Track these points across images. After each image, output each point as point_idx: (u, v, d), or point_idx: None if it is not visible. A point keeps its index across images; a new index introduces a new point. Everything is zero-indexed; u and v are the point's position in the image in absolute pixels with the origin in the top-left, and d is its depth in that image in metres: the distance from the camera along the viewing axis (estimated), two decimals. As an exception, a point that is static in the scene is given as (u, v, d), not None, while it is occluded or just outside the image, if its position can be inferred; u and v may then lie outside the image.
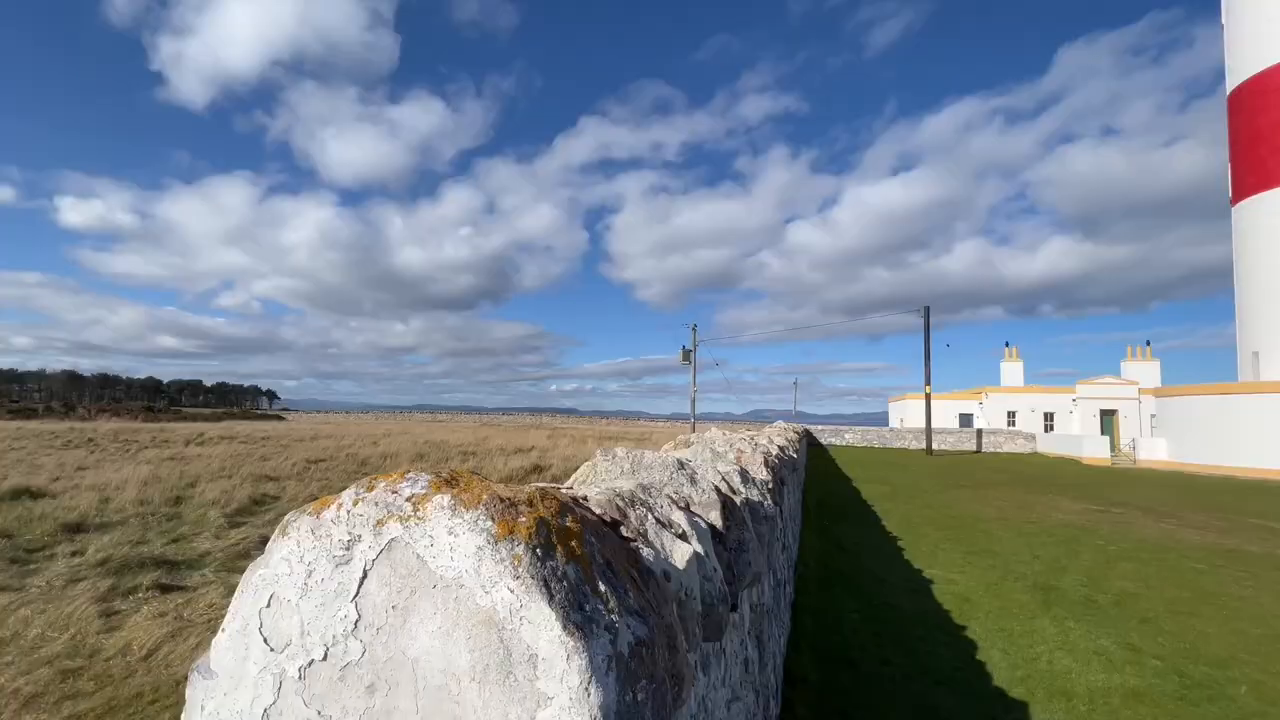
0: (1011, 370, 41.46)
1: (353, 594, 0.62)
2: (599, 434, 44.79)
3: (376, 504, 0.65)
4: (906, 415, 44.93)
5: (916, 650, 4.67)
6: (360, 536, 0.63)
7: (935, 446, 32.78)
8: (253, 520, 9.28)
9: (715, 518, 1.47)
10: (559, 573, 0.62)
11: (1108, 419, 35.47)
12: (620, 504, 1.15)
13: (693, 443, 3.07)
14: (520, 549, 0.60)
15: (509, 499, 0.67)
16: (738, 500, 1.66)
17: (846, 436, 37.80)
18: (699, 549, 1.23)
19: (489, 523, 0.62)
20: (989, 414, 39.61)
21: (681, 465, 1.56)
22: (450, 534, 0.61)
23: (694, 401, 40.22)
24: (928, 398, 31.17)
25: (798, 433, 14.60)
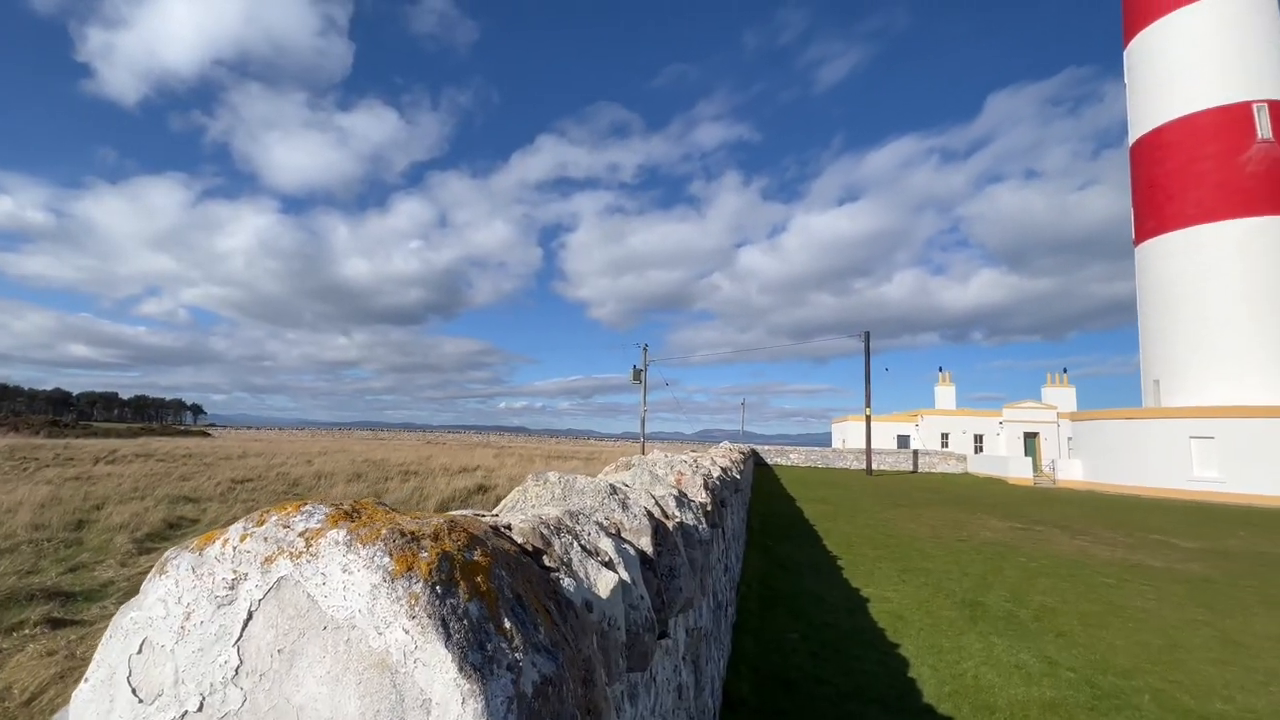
0: (944, 394, 43.62)
1: (235, 637, 0.58)
2: (548, 453, 44.10)
3: (266, 539, 0.61)
4: (848, 436, 46.44)
5: (852, 669, 4.76)
6: (247, 575, 0.60)
7: (875, 467, 33.95)
8: (166, 546, 8.60)
9: (646, 543, 1.47)
10: (460, 610, 0.60)
11: (1030, 441, 37.74)
12: (545, 532, 1.13)
13: (634, 464, 3.06)
14: (418, 586, 0.58)
15: (412, 533, 0.65)
16: (670, 525, 1.66)
17: (791, 456, 38.66)
18: (625, 577, 1.23)
19: (386, 559, 0.59)
20: (924, 435, 41.43)
21: (614, 490, 1.55)
22: (345, 571, 0.59)
23: (644, 421, 40.28)
24: (868, 420, 32.36)
25: (743, 453, 14.82)
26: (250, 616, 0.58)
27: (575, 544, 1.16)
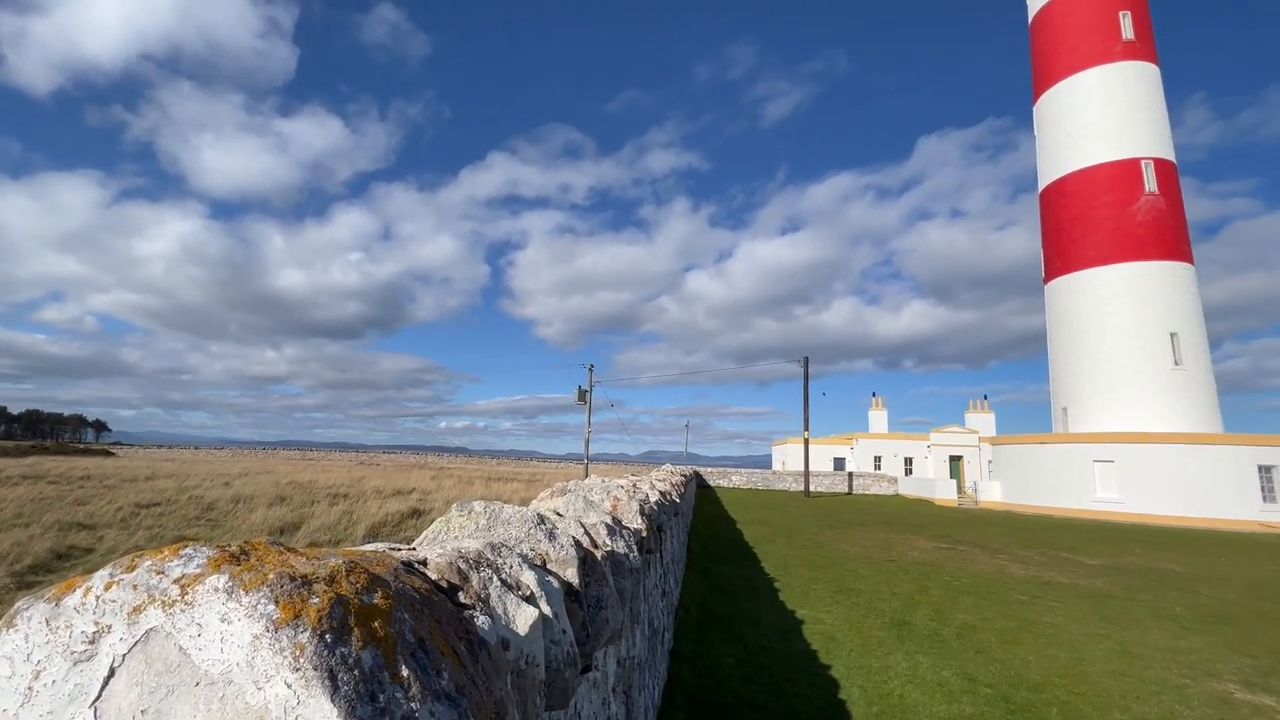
0: (878, 418, 45.55)
1: (93, 697, 0.53)
2: (488, 475, 42.89)
3: (136, 587, 0.57)
4: (788, 458, 47.60)
5: (785, 692, 4.81)
6: (110, 627, 0.55)
7: (812, 488, 34.88)
8: (53, 579, 7.77)
9: (572, 575, 1.45)
10: (351, 660, 0.57)
11: (955, 464, 39.83)
12: (462, 567, 1.10)
13: (570, 490, 3.03)
14: (305, 636, 0.55)
15: (304, 577, 0.62)
16: (599, 555, 1.65)
17: (733, 478, 39.20)
18: (547, 611, 1.20)
19: (271, 606, 0.56)
20: (859, 458, 43.00)
21: (541, 520, 1.53)
22: (223, 621, 0.55)
23: (588, 442, 39.94)
24: (806, 443, 33.31)
25: (685, 475, 14.92)
26: (112, 674, 0.54)
27: (495, 578, 1.13)
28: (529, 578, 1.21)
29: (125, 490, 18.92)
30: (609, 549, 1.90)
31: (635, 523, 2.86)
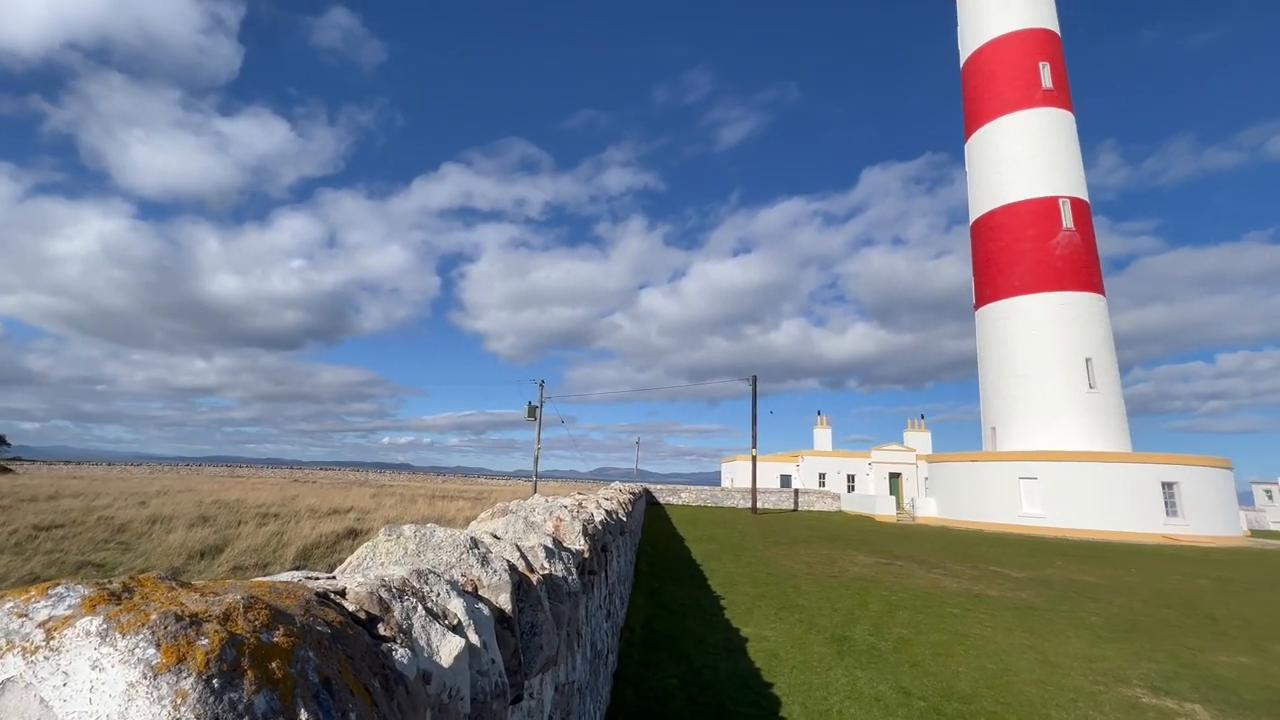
0: (822, 436, 46.86)
1: (-67, 759, 0.47)
2: (432, 492, 41.45)
3: (-6, 633, 0.52)
4: (736, 476, 48.23)
5: (727, 712, 4.82)
6: (-41, 679, 0.50)
7: (759, 505, 35.42)
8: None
9: (504, 601, 1.41)
10: (241, 706, 0.54)
11: (894, 481, 41.35)
12: (384, 596, 1.06)
13: (512, 510, 2.96)
14: (189, 682, 0.52)
15: (194, 615, 0.58)
16: (535, 579, 1.61)
17: (683, 495, 39.34)
18: (475, 640, 1.16)
19: (152, 650, 0.52)
20: (804, 475, 44.02)
21: (475, 544, 1.49)
22: (94, 668, 0.51)
23: (537, 459, 39.29)
24: (754, 460, 33.86)
25: (633, 493, 14.86)
26: (-42, 731, 0.48)
27: (420, 608, 1.09)
28: (457, 606, 1.17)
29: (23, 511, 17.24)
30: (546, 572, 1.86)
31: (577, 544, 2.82)
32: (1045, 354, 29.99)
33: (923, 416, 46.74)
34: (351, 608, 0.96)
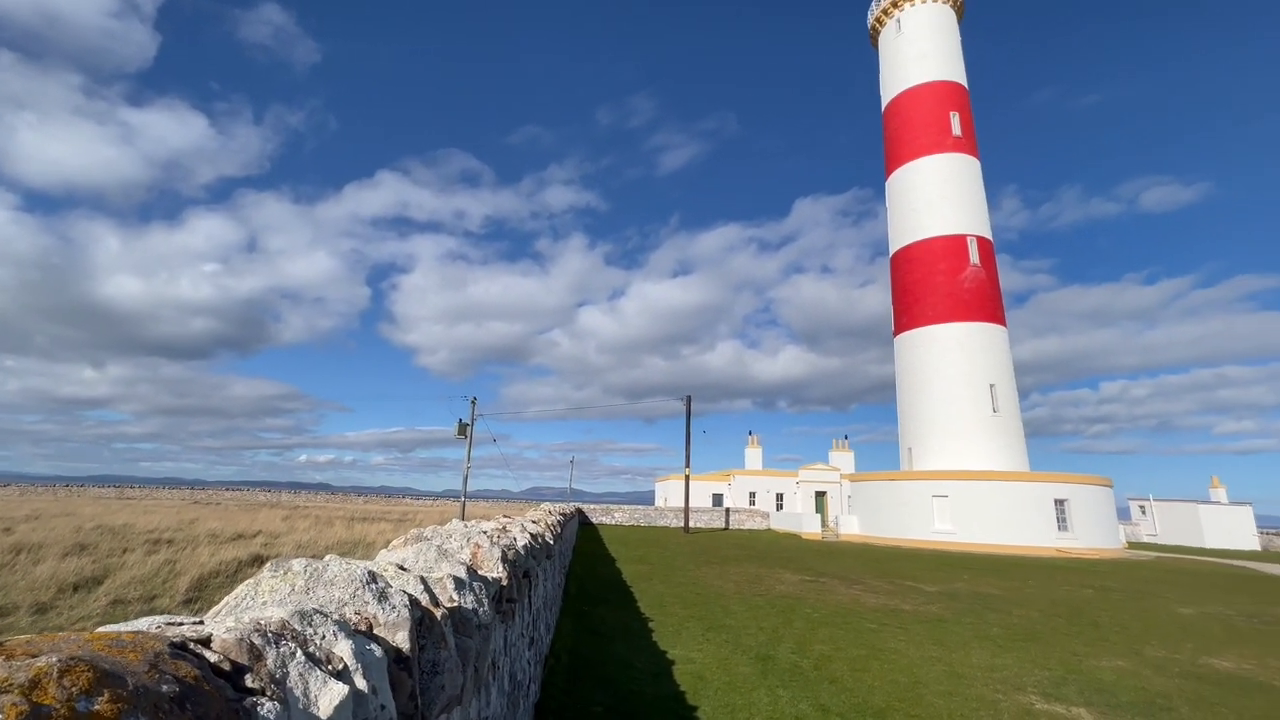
0: (753, 455, 48.02)
1: None
2: (352, 514, 39.11)
3: None
4: (670, 495, 48.50)
5: (651, 738, 4.76)
6: None
7: (692, 524, 35.70)
8: None
9: (402, 639, 1.34)
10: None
11: (820, 499, 42.85)
12: (257, 642, 0.98)
13: (427, 537, 2.84)
14: (-25, 767, 0.45)
15: (-5, 686, 0.51)
16: (439, 613, 1.54)
17: (616, 515, 39.08)
18: (362, 685, 1.10)
19: (-70, 733, 0.45)
20: (735, 494, 44.86)
21: (373, 579, 1.41)
22: None
23: (466, 479, 37.97)
24: (687, 479, 34.19)
25: (564, 514, 14.63)
26: None
27: (299, 653, 1.01)
28: (343, 648, 1.10)
29: None
30: (455, 605, 1.79)
31: (495, 572, 2.73)
32: (955, 379, 32.24)
33: (846, 437, 48.93)
34: (214, 658, 0.88)
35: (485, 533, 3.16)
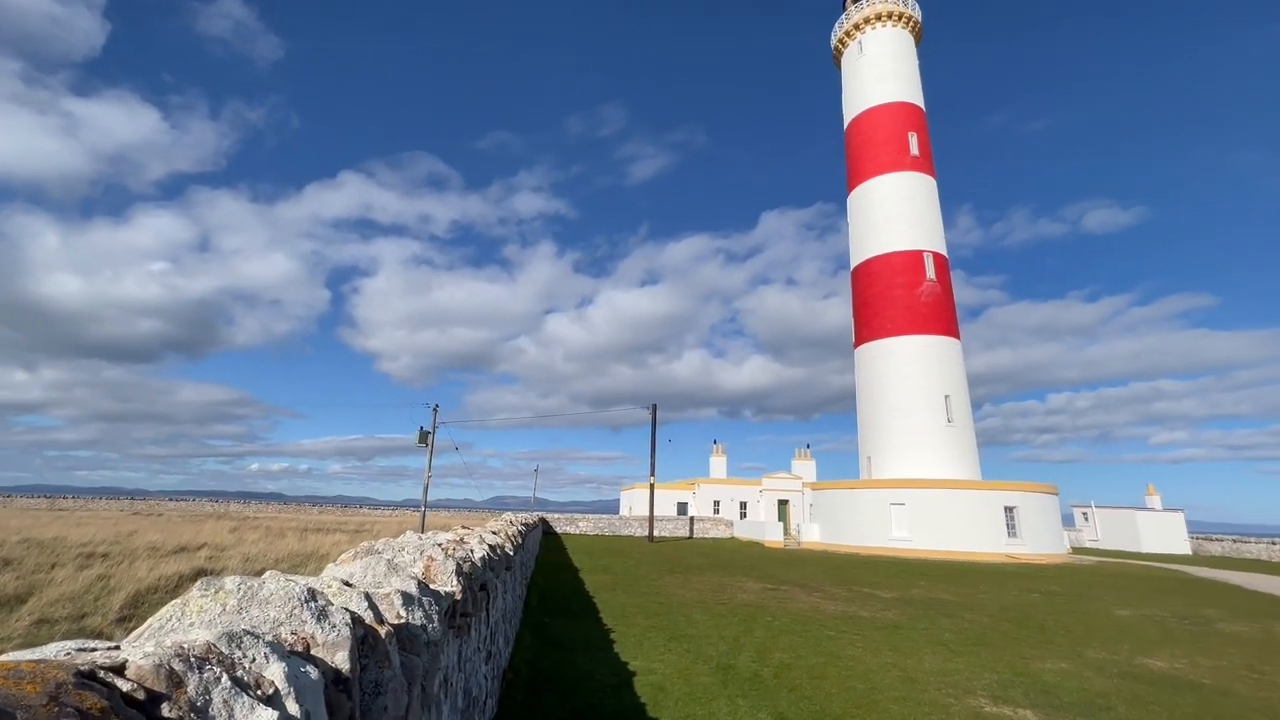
0: (718, 464, 48.37)
1: None
2: (305, 525, 37.67)
3: None
4: (635, 504, 48.37)
5: (610, 752, 4.70)
6: None
7: (656, 533, 35.67)
8: None
9: (342, 659, 1.29)
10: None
11: (783, 508, 43.41)
12: (178, 668, 0.93)
13: (378, 550, 2.75)
14: None
15: None
16: (383, 631, 1.49)
17: (580, 525, 38.75)
18: (294, 710, 1.05)
19: None
20: (699, 503, 45.05)
21: (313, 596, 1.35)
22: None
23: (427, 488, 37.07)
24: (651, 488, 34.19)
25: (527, 524, 14.42)
26: None
27: (224, 678, 0.97)
28: (275, 671, 1.05)
29: None
30: (402, 621, 1.74)
31: (449, 586, 2.67)
32: (912, 390, 33.23)
33: (809, 446, 49.75)
34: (127, 687, 0.83)
35: (440, 545, 3.09)
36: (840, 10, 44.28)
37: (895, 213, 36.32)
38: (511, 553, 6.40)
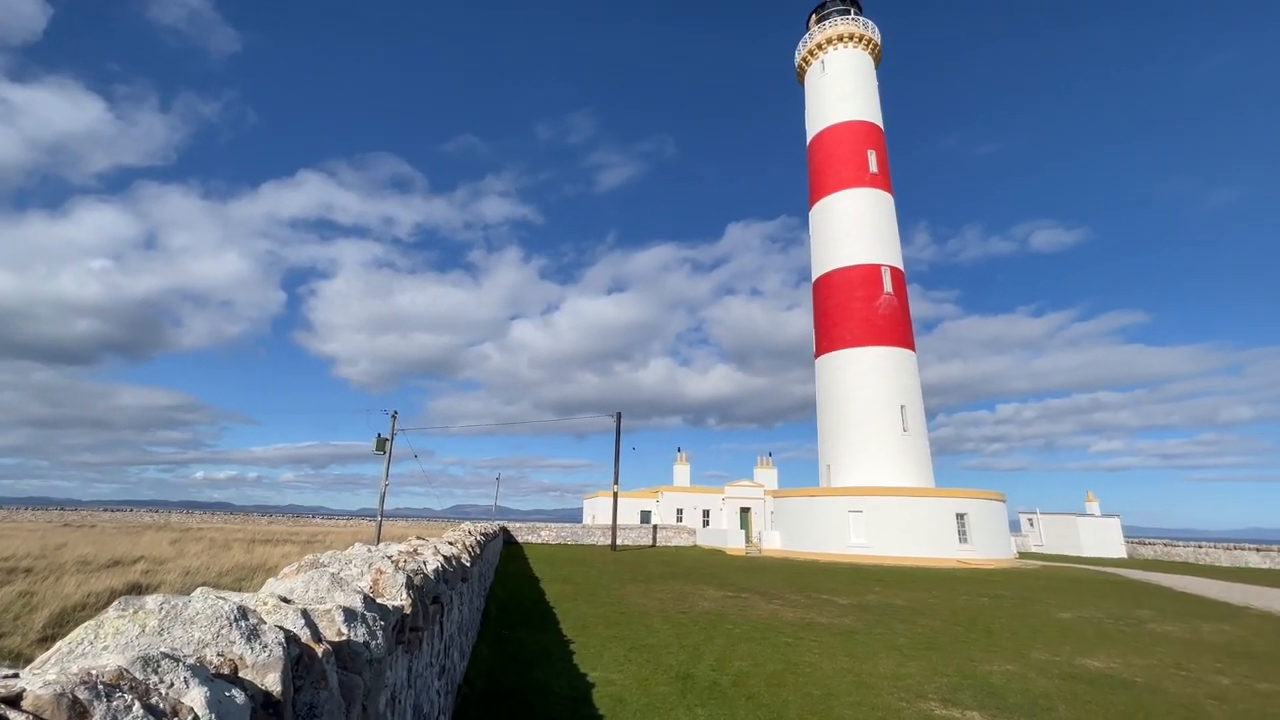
0: (681, 472, 48.55)
1: None
2: (254, 535, 36.05)
3: None
4: (598, 512, 48.06)
5: (566, 766, 4.63)
6: None
7: (620, 542, 35.51)
8: None
9: (273, 681, 1.23)
10: None
11: (745, 515, 43.83)
12: (84, 696, 0.87)
13: (323, 564, 2.65)
14: None
15: None
16: (320, 650, 1.43)
17: (543, 534, 38.26)
18: (215, 738, 0.99)
19: None
20: (663, 511, 45.10)
21: (244, 614, 1.29)
22: None
23: (383, 497, 36.00)
24: (615, 496, 34.06)
25: (487, 533, 14.15)
26: None
27: (136, 706, 0.91)
28: (195, 697, 0.99)
29: None
30: (342, 639, 1.67)
31: (398, 600, 2.58)
32: (870, 400, 34.13)
33: (770, 454, 50.47)
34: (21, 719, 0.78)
35: (390, 557, 2.99)
36: (804, 30, 45.56)
37: (855, 227, 37.40)
38: (468, 563, 6.26)
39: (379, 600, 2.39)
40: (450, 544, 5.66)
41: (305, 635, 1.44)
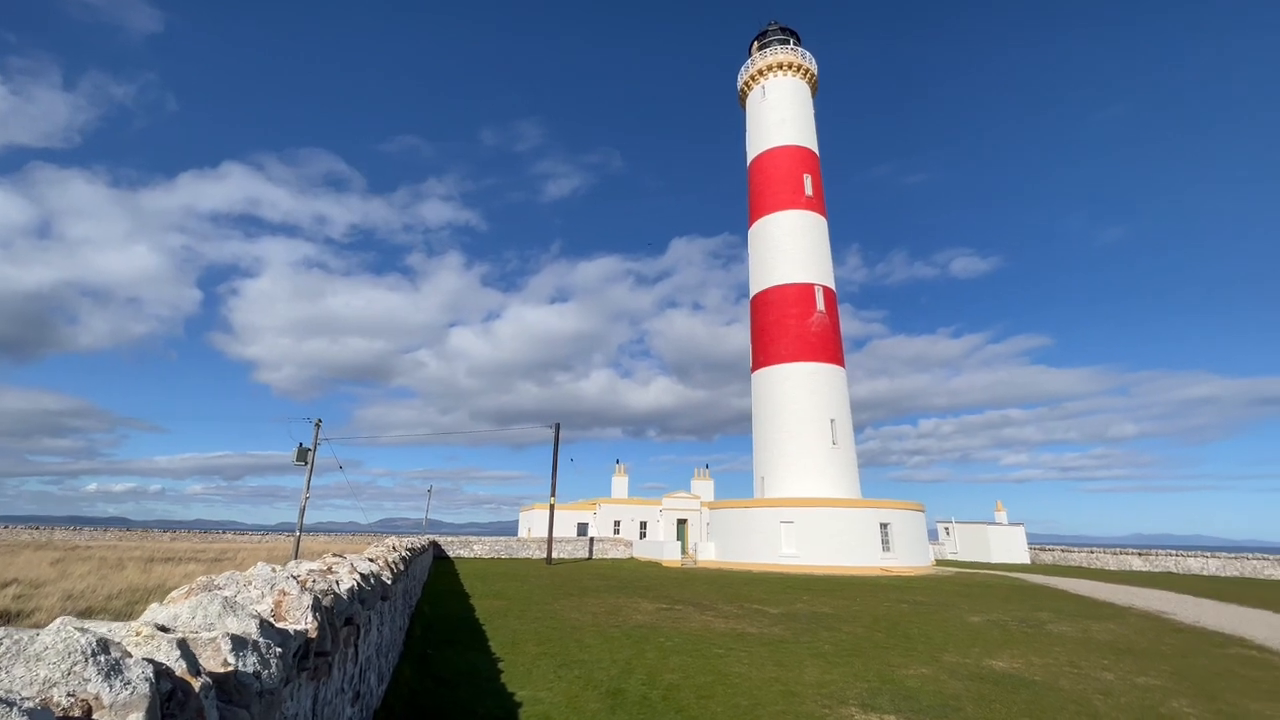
0: (620, 484, 48.43)
1: None
2: (152, 553, 32.91)
3: None
4: (534, 525, 47.14)
5: (487, 792, 4.46)
6: None
7: (556, 555, 34.91)
8: None
9: (135, 721, 1.11)
10: None
11: (681, 527, 44.17)
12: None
13: (216, 587, 2.45)
14: None
15: None
16: (198, 684, 1.31)
17: (475, 548, 37.10)
18: (54, 790, 0.89)
19: None
20: (600, 523, 44.77)
21: (104, 648, 1.16)
22: None
23: (303, 511, 33.87)
24: (551, 508, 33.52)
25: (414, 548, 13.57)
26: None
27: (-48, 760, 0.80)
28: (31, 746, 0.88)
29: None
30: (228, 670, 1.54)
31: (301, 623, 2.42)
32: (801, 414, 35.33)
33: (708, 466, 51.21)
34: None
35: (296, 577, 2.80)
36: (746, 55, 47.21)
37: (790, 246, 38.85)
38: (390, 581, 5.96)
39: (279, 625, 2.23)
40: (370, 560, 5.37)
41: (180, 668, 1.32)
